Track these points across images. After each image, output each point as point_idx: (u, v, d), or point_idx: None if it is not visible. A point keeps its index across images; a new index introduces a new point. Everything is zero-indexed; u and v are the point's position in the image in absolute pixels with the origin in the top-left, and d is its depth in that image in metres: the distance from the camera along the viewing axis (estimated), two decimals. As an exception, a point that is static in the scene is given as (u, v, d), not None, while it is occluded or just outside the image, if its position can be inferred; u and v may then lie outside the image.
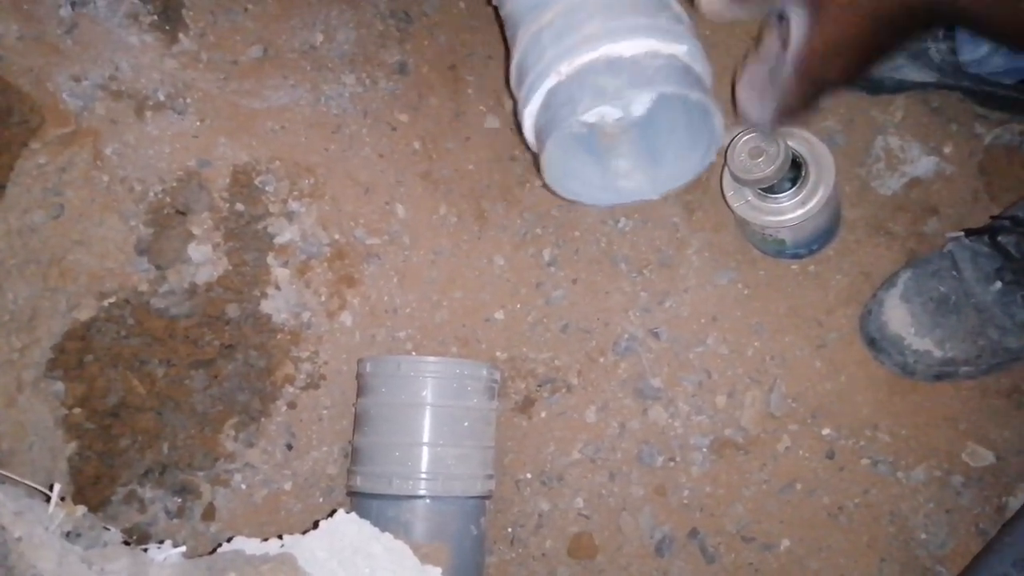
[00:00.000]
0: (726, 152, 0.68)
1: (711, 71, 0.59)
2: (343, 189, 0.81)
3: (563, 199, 0.65)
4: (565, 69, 0.56)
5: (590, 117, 0.64)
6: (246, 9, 0.81)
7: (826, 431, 0.73)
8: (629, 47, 0.55)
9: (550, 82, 0.56)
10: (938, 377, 0.71)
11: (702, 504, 0.73)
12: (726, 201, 0.73)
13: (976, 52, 0.69)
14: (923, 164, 0.76)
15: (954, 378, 0.71)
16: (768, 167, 0.65)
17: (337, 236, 0.80)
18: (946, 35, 0.71)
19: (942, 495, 0.70)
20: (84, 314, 0.71)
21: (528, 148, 0.64)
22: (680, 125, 0.62)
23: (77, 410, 0.69)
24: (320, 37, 0.84)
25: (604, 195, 0.65)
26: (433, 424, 0.68)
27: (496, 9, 0.65)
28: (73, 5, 0.73)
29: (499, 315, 0.80)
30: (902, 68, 0.75)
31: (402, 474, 0.67)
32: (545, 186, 0.63)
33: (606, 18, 0.55)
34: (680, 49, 0.56)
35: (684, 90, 0.54)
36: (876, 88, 0.77)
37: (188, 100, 0.77)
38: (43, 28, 0.72)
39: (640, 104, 0.64)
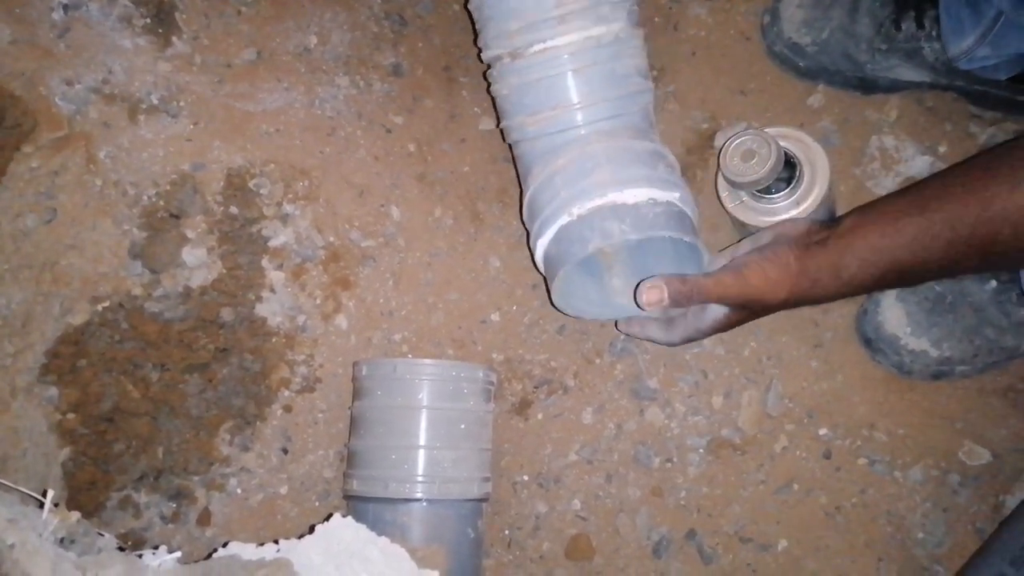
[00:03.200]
0: (719, 155, 0.68)
1: (698, 212, 0.69)
2: (338, 192, 0.81)
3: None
4: (576, 210, 0.64)
5: None
6: (240, 12, 0.81)
7: (823, 431, 0.73)
8: (632, 195, 0.64)
9: (562, 220, 0.65)
10: (935, 376, 0.71)
11: (699, 505, 0.73)
12: (721, 202, 0.73)
13: (961, 45, 0.69)
14: (918, 163, 0.76)
15: (951, 377, 0.71)
16: (761, 169, 0.65)
17: (332, 238, 0.79)
18: (938, 34, 0.71)
19: (939, 494, 0.70)
20: (78, 319, 0.71)
21: (535, 265, 0.71)
22: (669, 252, 0.70)
23: (71, 415, 0.68)
24: (314, 39, 0.83)
25: (603, 311, 0.73)
26: (429, 427, 0.68)
27: (511, 146, 0.74)
28: (66, 8, 0.73)
29: (495, 316, 0.80)
30: (896, 68, 0.75)
31: (398, 477, 0.66)
32: (552, 305, 0.71)
33: (613, 168, 0.65)
34: (675, 196, 0.65)
35: (679, 234, 0.64)
36: (870, 87, 0.77)
37: (182, 103, 0.76)
38: (35, 31, 0.71)
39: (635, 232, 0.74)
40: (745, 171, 0.66)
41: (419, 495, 0.66)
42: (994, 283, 0.68)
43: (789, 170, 0.69)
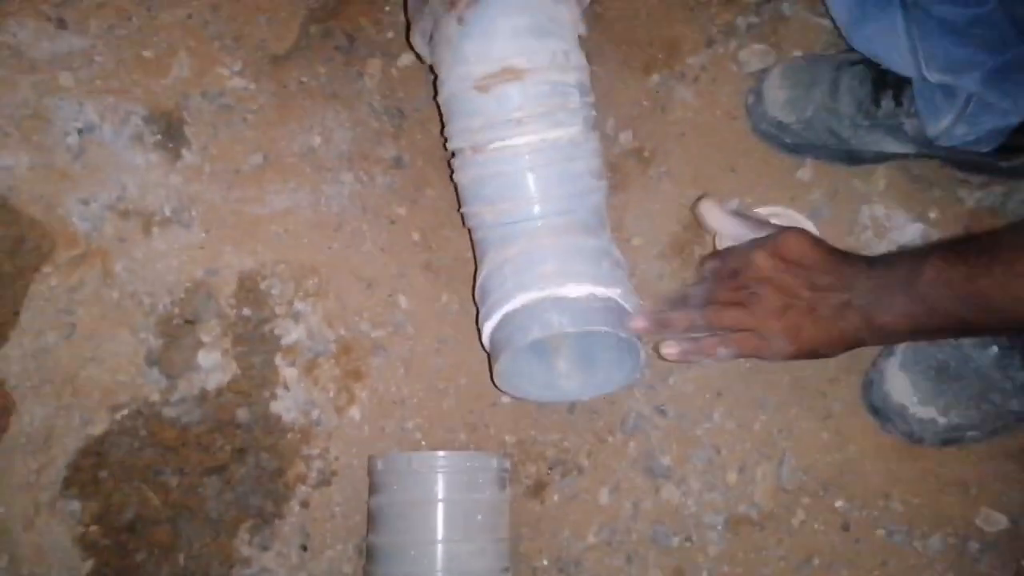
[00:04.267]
0: (714, 236, 0.70)
1: (639, 306, 0.71)
2: (347, 285, 0.83)
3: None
4: (520, 300, 0.68)
5: None
6: (245, 119, 0.84)
7: (839, 503, 0.73)
8: (574, 289, 0.67)
9: (507, 308, 0.69)
10: (945, 443, 0.71)
11: (721, 584, 0.73)
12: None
13: (938, 126, 0.71)
14: (910, 230, 0.78)
15: (961, 443, 0.71)
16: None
17: (343, 331, 0.81)
18: (917, 110, 0.73)
19: (960, 563, 0.70)
20: (97, 429, 0.72)
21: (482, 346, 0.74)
22: (611, 344, 0.73)
23: (93, 528, 0.69)
24: (318, 139, 0.87)
25: (547, 393, 0.76)
26: (446, 520, 0.68)
27: (469, 231, 0.78)
28: (80, 132, 0.77)
29: (505, 399, 0.81)
30: (880, 141, 0.77)
31: (418, 574, 0.67)
32: (495, 386, 0.73)
33: (558, 262, 0.68)
34: (616, 292, 0.69)
35: (614, 330, 0.67)
36: (857, 159, 0.80)
37: (193, 213, 0.79)
38: (52, 156, 0.75)
39: None
40: None
41: (439, 592, 0.66)
42: (995, 349, 0.69)
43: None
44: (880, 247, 0.78)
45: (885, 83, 0.74)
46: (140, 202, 0.78)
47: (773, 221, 0.70)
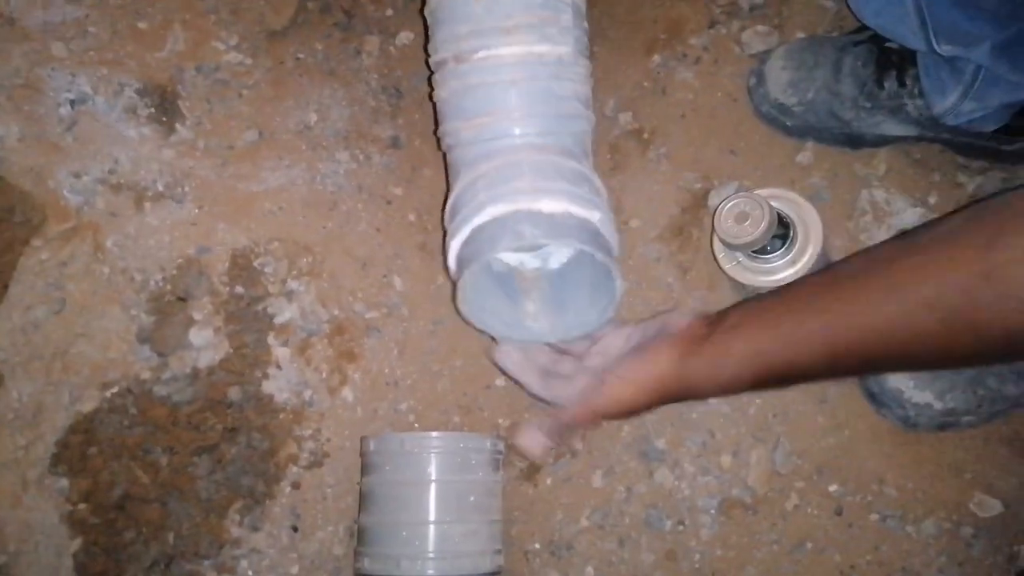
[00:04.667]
0: (713, 217, 0.69)
1: (618, 240, 0.69)
2: (341, 265, 0.82)
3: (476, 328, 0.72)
4: (491, 212, 0.65)
5: (512, 261, 0.74)
6: (240, 94, 0.83)
7: (833, 487, 0.73)
8: (550, 205, 0.64)
9: (478, 220, 0.65)
10: (941, 427, 0.71)
11: (714, 568, 0.73)
12: (717, 263, 0.74)
13: (944, 103, 0.71)
14: (909, 215, 0.77)
15: (957, 428, 0.71)
16: (754, 231, 0.66)
17: (336, 312, 0.80)
18: (922, 91, 0.73)
19: (953, 548, 0.69)
20: (87, 406, 0.71)
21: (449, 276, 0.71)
22: (585, 283, 0.71)
23: (82, 505, 0.69)
24: (314, 117, 0.86)
25: (510, 331, 0.72)
26: (439, 501, 0.68)
27: (444, 154, 0.75)
28: (72, 103, 0.75)
29: (499, 382, 0.80)
30: (882, 123, 0.77)
31: (410, 555, 0.66)
32: (458, 313, 0.69)
33: (534, 177, 0.66)
34: (595, 216, 0.66)
35: (592, 249, 0.63)
36: (857, 143, 0.79)
37: (186, 188, 0.78)
38: (43, 127, 0.73)
39: (556, 259, 0.75)
40: (739, 233, 0.68)
41: (431, 572, 0.66)
42: (993, 333, 0.69)
43: (783, 230, 0.70)
44: (879, 232, 0.78)
45: (889, 64, 0.74)
46: (132, 176, 0.77)
47: (775, 204, 0.69)
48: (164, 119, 0.79)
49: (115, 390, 0.73)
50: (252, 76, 0.84)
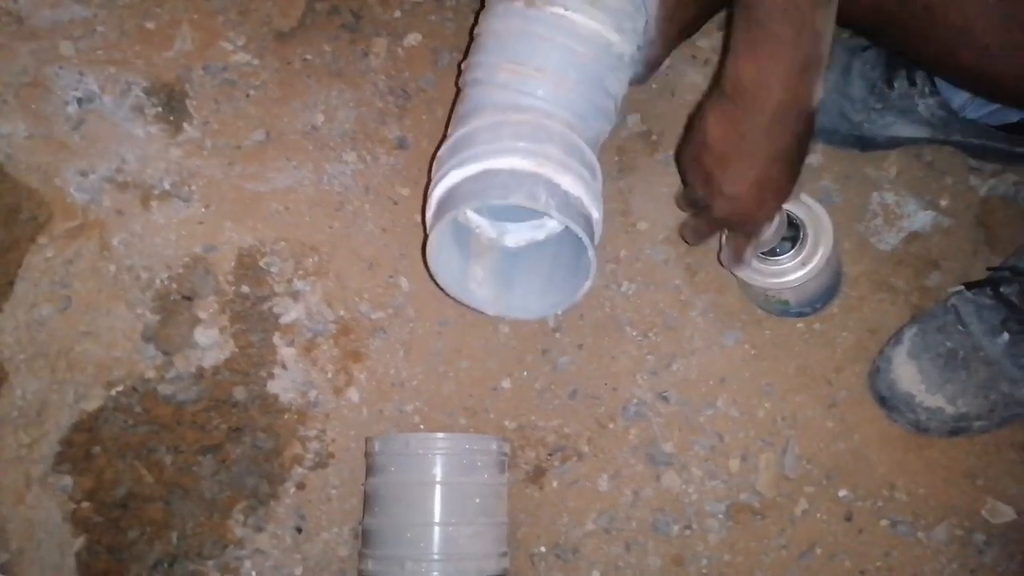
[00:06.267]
0: None
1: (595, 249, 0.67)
2: (347, 265, 0.81)
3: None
4: (511, 162, 0.63)
5: (473, 221, 0.74)
6: (248, 95, 0.83)
7: (843, 492, 0.72)
8: (570, 184, 0.64)
9: (494, 163, 0.64)
10: (952, 433, 0.70)
11: (722, 573, 0.72)
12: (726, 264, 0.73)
13: (962, 95, 0.70)
14: (920, 218, 0.77)
15: (968, 433, 0.70)
16: (771, 233, 0.66)
17: (342, 312, 0.80)
18: (932, 90, 0.72)
19: (965, 555, 0.68)
20: (92, 404, 0.71)
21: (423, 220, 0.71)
22: (541, 273, 0.71)
23: (85, 504, 0.68)
24: (321, 117, 0.86)
25: (456, 289, 0.72)
26: (444, 502, 0.67)
27: (465, 84, 0.72)
28: (80, 102, 0.75)
29: (506, 384, 0.80)
30: (893, 125, 0.76)
31: (415, 556, 0.66)
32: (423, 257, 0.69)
33: (564, 152, 0.64)
34: (597, 216, 0.67)
35: (591, 248, 0.64)
36: (868, 145, 0.78)
37: (193, 187, 0.78)
38: (51, 126, 0.74)
39: (512, 239, 0.75)
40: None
41: (436, 574, 0.65)
42: (1006, 336, 0.68)
43: (793, 231, 0.69)
44: (889, 235, 0.77)
45: (898, 63, 0.73)
46: (139, 175, 0.77)
47: (785, 206, 0.69)
48: (171, 118, 0.79)
49: (120, 389, 0.72)
50: (259, 76, 0.84)
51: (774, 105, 0.52)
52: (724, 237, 0.69)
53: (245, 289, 0.78)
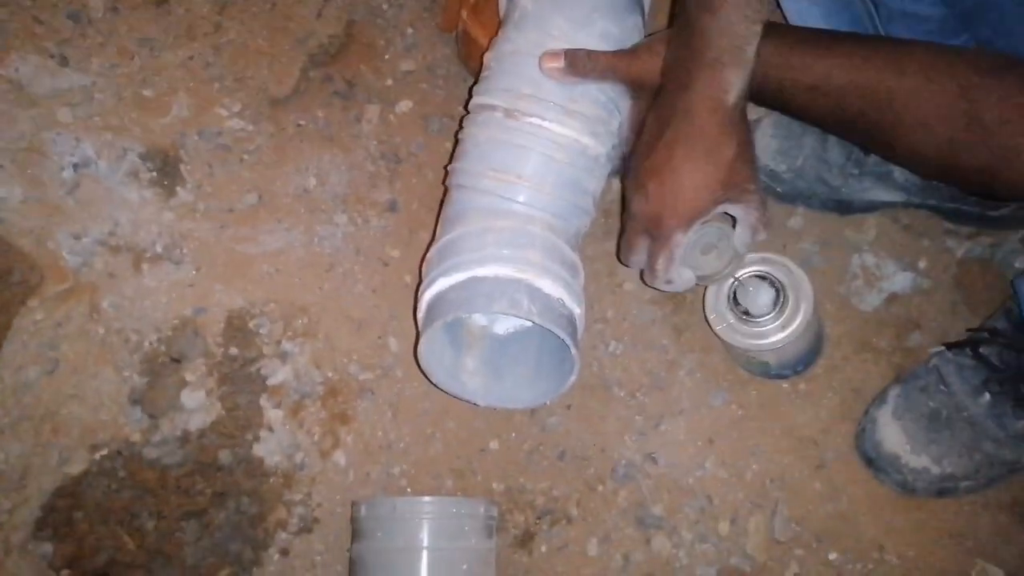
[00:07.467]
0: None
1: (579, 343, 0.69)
2: (337, 326, 0.82)
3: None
4: (495, 269, 0.66)
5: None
6: (242, 159, 0.85)
7: (833, 555, 0.71)
8: (550, 287, 0.66)
9: (480, 271, 0.66)
10: (940, 493, 0.70)
11: (713, 640, 0.70)
12: (709, 324, 0.74)
13: None
14: (900, 280, 0.78)
15: (956, 494, 0.70)
16: (717, 263, 0.65)
17: (330, 373, 0.80)
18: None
19: (959, 620, 0.68)
20: (75, 468, 0.70)
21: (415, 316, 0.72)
22: (528, 362, 0.73)
23: (65, 572, 0.67)
24: (314, 181, 0.87)
25: (448, 381, 0.74)
26: (431, 569, 0.66)
27: (451, 188, 0.75)
28: (75, 167, 0.77)
29: (494, 445, 0.80)
30: (870, 189, 0.78)
31: (400, 625, 0.64)
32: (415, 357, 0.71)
33: (544, 255, 0.67)
34: (578, 312, 0.69)
35: (574, 348, 0.66)
36: (847, 209, 0.81)
37: (185, 250, 0.79)
38: (46, 190, 0.75)
39: (502, 325, 0.77)
40: (702, 264, 0.65)
41: (422, 645, 0.64)
42: (988, 396, 0.69)
43: (774, 294, 0.71)
44: (870, 296, 0.78)
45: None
46: (132, 238, 0.77)
47: (765, 269, 0.70)
48: (165, 182, 0.81)
49: (104, 452, 0.72)
50: (254, 141, 0.86)
51: (686, 93, 0.58)
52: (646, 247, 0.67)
53: (233, 351, 0.78)
